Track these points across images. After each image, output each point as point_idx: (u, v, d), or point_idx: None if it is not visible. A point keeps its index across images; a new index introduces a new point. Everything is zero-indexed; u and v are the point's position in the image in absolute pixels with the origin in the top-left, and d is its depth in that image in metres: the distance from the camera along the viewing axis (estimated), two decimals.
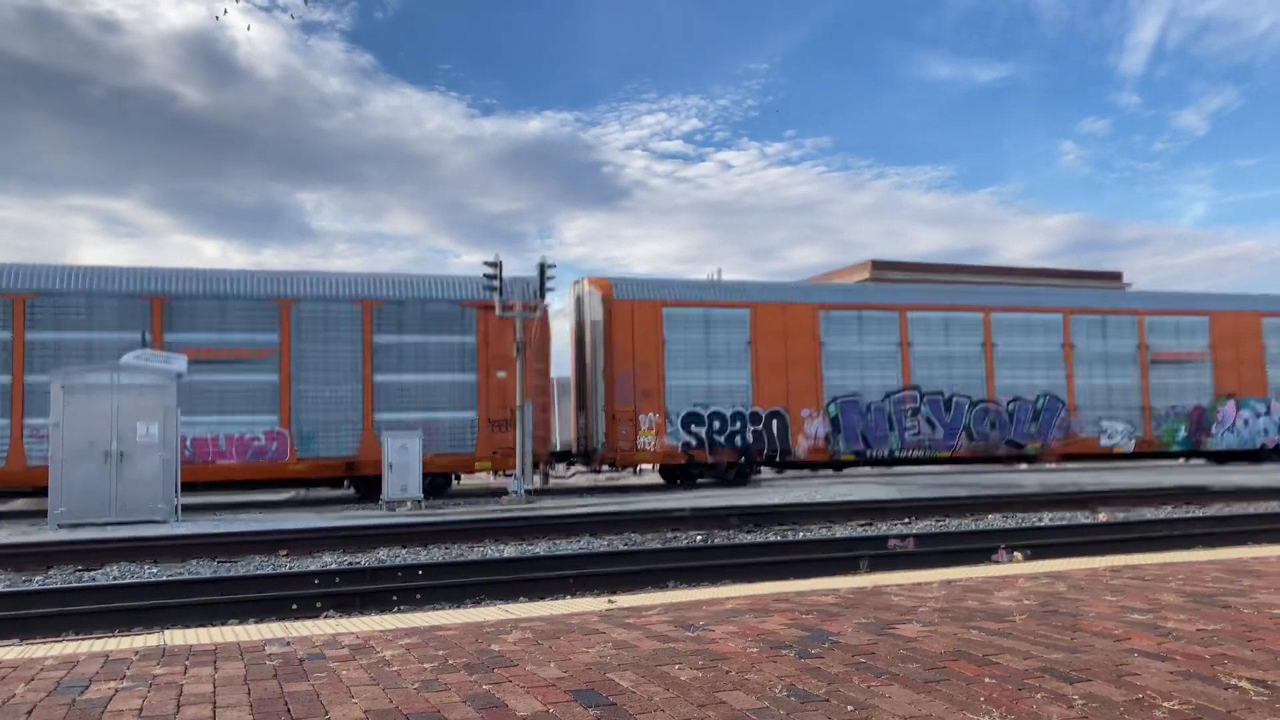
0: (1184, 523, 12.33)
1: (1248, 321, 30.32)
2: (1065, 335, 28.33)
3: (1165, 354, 29.21)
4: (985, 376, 27.40)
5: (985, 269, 56.07)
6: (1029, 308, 28.33)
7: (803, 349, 25.88)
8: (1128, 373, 28.72)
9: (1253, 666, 3.43)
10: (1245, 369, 29.95)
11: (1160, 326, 29.49)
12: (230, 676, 3.74)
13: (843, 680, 3.40)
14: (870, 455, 26.11)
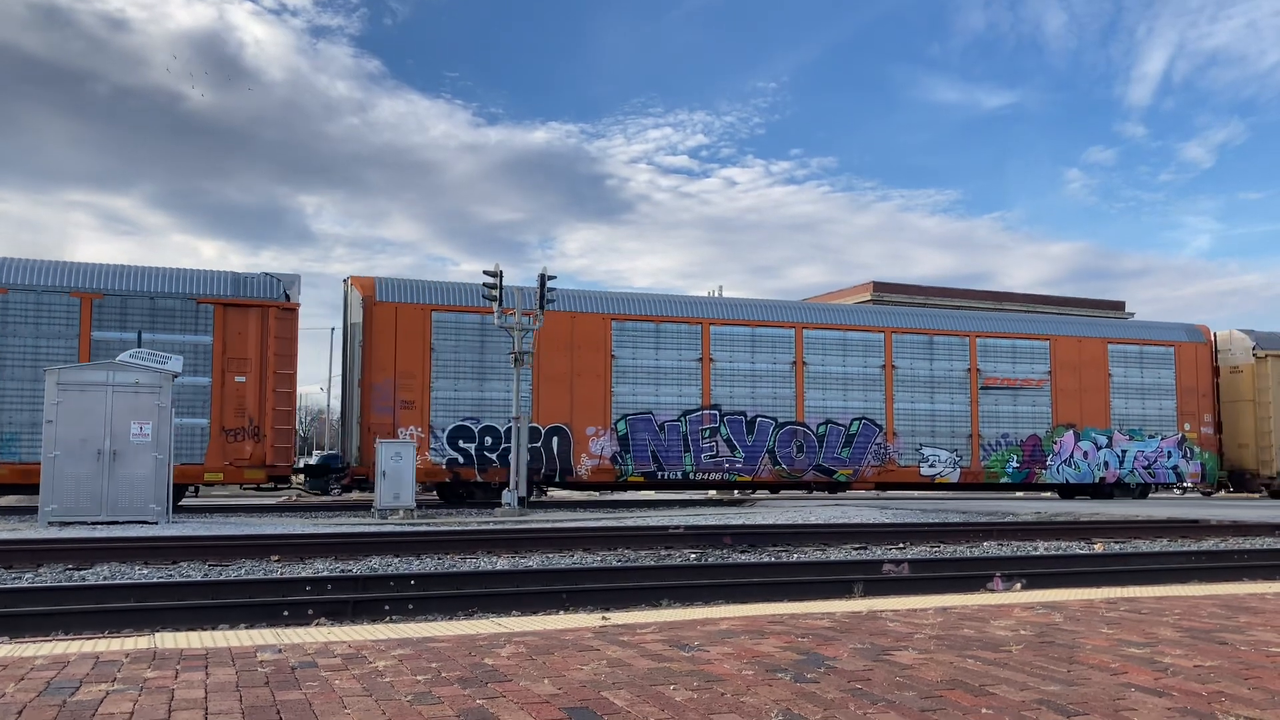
0: (1180, 556, 12.30)
1: (1092, 348, 29.00)
2: (887, 356, 26.74)
3: (998, 379, 27.85)
4: (795, 397, 25.80)
5: (986, 294, 56.22)
6: (847, 325, 26.77)
7: (591, 361, 24.20)
8: (956, 398, 27.25)
9: (1250, 705, 3.41)
10: (1088, 397, 28.65)
11: (995, 350, 27.92)
12: (222, 682, 3.71)
13: (838, 706, 3.38)
14: (662, 477, 24.53)
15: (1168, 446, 29.28)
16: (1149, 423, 29.26)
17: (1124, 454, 28.83)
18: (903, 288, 54.87)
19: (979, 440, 27.37)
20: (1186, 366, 29.79)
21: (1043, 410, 28.16)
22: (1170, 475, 29.27)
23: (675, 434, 24.63)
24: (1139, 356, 29.39)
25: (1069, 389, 28.36)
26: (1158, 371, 29.53)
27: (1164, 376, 29.54)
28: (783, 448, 25.55)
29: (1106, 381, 29.03)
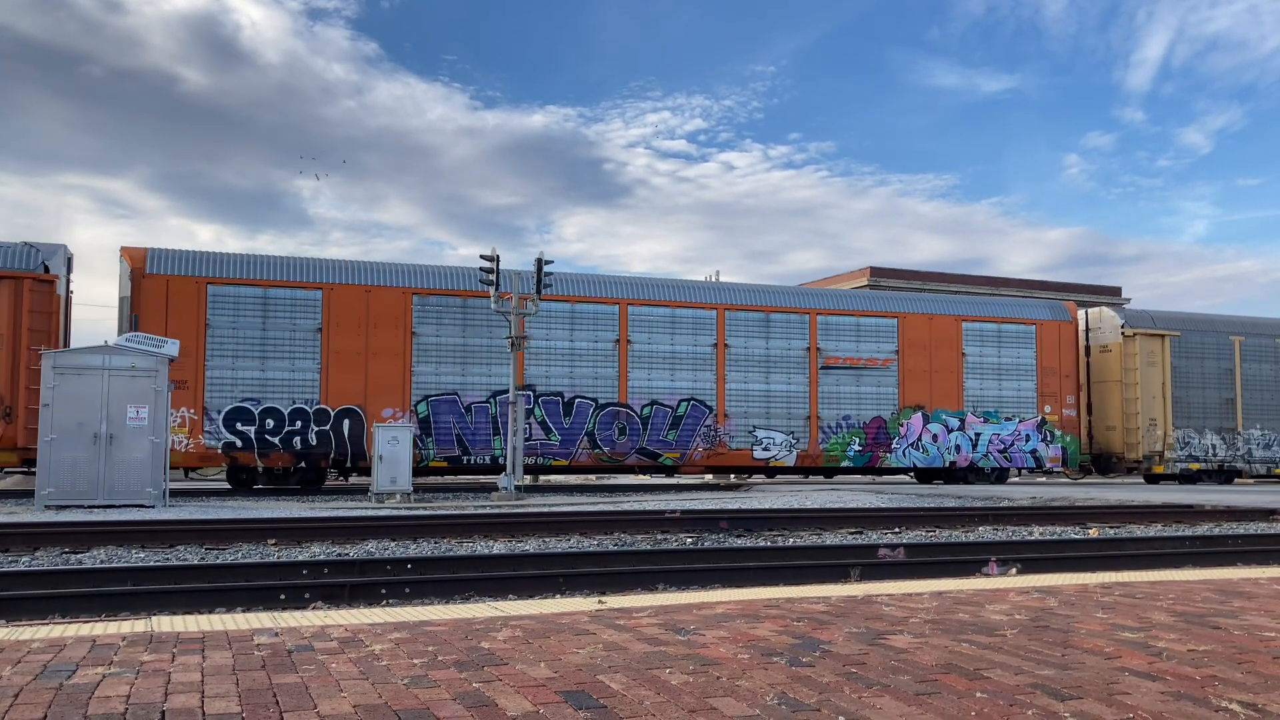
0: (1174, 541, 12.35)
1: (945, 326, 27.71)
2: (719, 334, 25.49)
3: (840, 359, 26.61)
4: (618, 377, 24.48)
5: (984, 279, 56.23)
6: (676, 302, 25.41)
7: (389, 340, 22.83)
8: (794, 378, 26.05)
9: (1244, 689, 3.43)
10: (940, 378, 27.41)
11: (837, 328, 26.59)
12: (218, 666, 3.72)
13: (834, 690, 3.39)
14: (467, 462, 23.37)
15: (1026, 429, 28.21)
16: (1006, 404, 28.13)
17: (977, 437, 27.65)
18: (900, 273, 54.88)
19: (818, 422, 26.18)
20: (1049, 346, 28.63)
21: (889, 391, 26.94)
22: (1028, 459, 28.19)
23: (484, 416, 23.50)
24: (996, 335, 28.20)
25: (918, 369, 27.12)
26: (1017, 351, 28.38)
27: (1024, 356, 28.43)
28: (603, 430, 24.38)
29: (960, 361, 27.80)
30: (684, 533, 13.41)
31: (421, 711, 3.07)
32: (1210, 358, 30.18)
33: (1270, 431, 30.70)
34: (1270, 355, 30.90)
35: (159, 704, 3.13)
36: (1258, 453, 30.42)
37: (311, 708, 3.11)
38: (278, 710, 3.07)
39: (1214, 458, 29.95)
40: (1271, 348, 30.95)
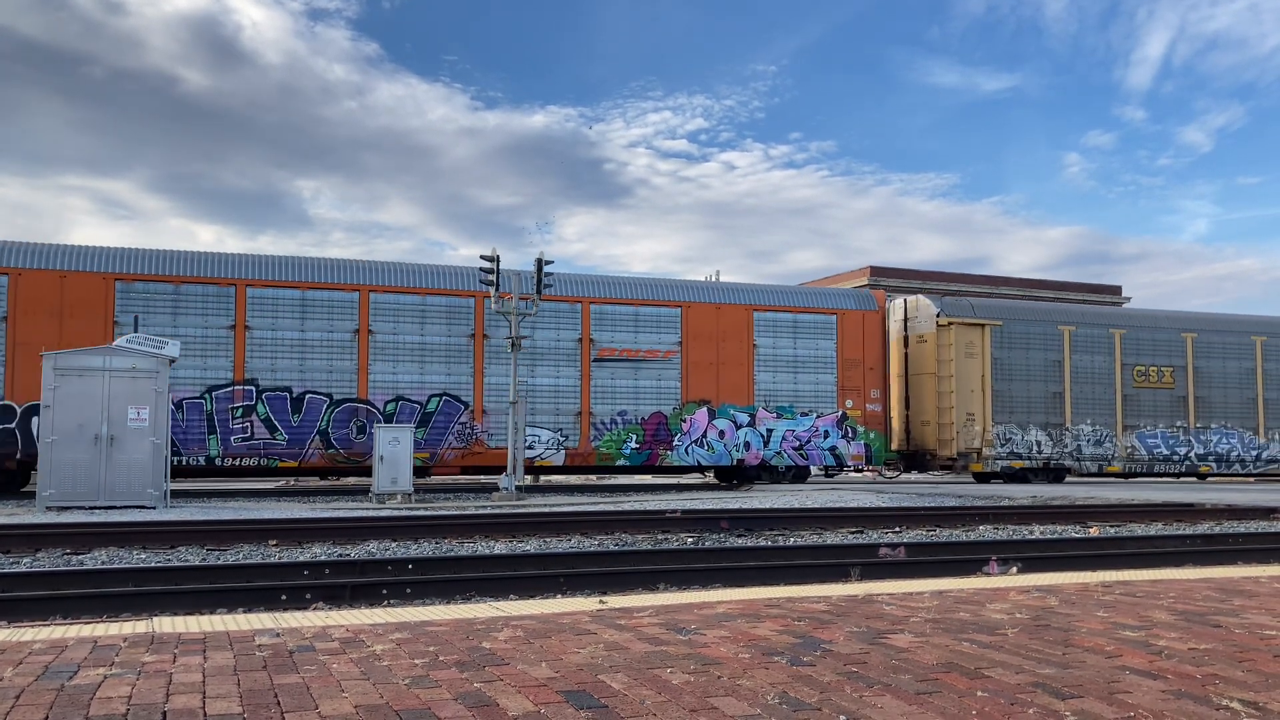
0: (1174, 540, 12.35)
1: (734, 316, 25.83)
2: (478, 324, 23.66)
3: (616, 350, 24.71)
4: (357, 370, 22.60)
5: (984, 278, 56.24)
6: (428, 289, 23.52)
7: (88, 330, 20.84)
8: (563, 371, 24.24)
9: (1244, 688, 3.43)
10: (728, 371, 25.60)
11: (613, 317, 24.71)
12: (220, 666, 3.72)
13: (835, 689, 3.39)
14: (180, 463, 21.28)
15: (825, 425, 26.33)
16: (803, 399, 26.23)
17: (769, 434, 25.82)
18: (900, 272, 54.89)
19: (590, 418, 24.38)
20: (851, 337, 26.74)
21: (671, 385, 25.06)
22: (827, 457, 26.35)
23: (197, 413, 21.61)
24: (792, 326, 26.26)
25: (704, 361, 25.25)
26: (816, 342, 26.49)
27: (823, 348, 26.54)
28: (339, 429, 22.50)
29: (751, 353, 25.94)
30: (685, 532, 13.41)
31: (423, 711, 3.08)
32: (1037, 348, 28.70)
33: (1103, 427, 29.17)
34: (1104, 346, 29.43)
35: (160, 705, 3.13)
36: (1088, 449, 28.88)
37: (313, 708, 3.11)
38: (279, 711, 3.08)
39: (1039, 455, 28.36)
40: (1105, 339, 29.46)
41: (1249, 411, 30.71)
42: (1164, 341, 30.03)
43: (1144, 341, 29.81)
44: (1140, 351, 29.75)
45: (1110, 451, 29.06)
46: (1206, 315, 32.16)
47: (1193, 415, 30.06)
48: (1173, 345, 30.09)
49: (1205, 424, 30.17)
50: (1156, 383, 29.84)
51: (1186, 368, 30.08)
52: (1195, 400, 30.10)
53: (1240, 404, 30.60)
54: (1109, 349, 29.40)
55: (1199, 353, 30.28)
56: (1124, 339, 29.57)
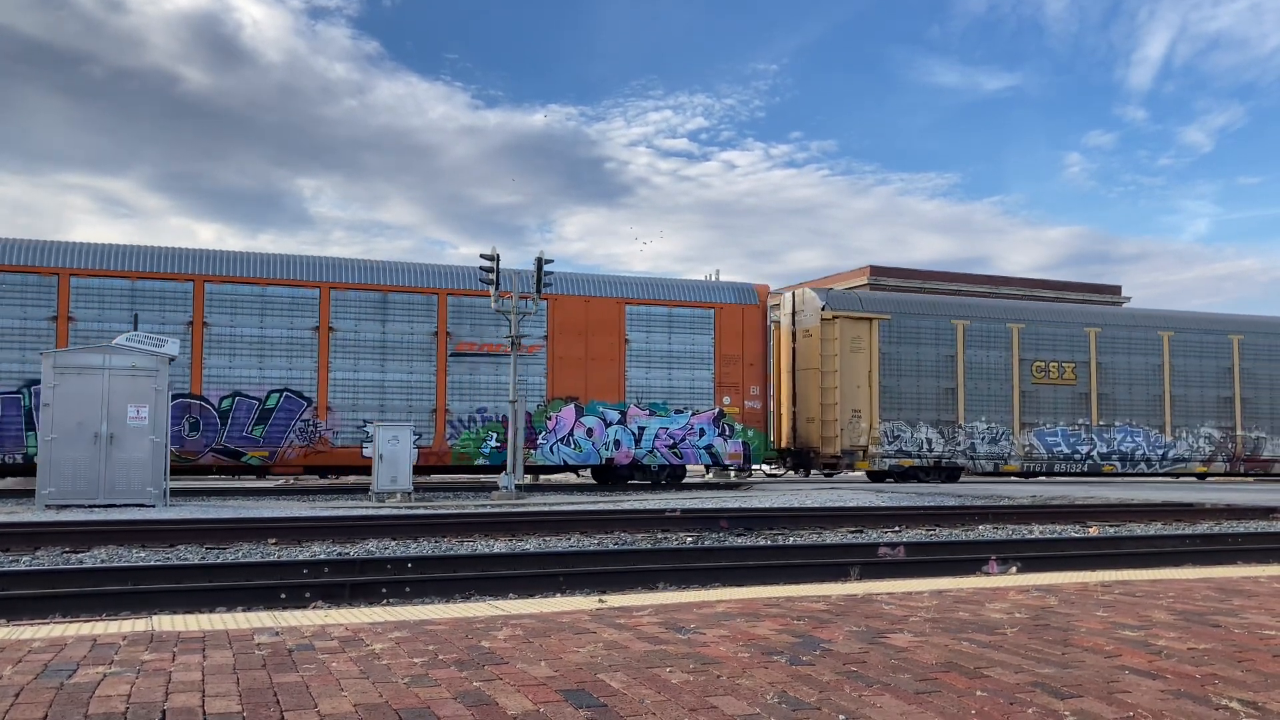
0: (1174, 539, 12.35)
1: (604, 309, 24.68)
2: (323, 315, 22.57)
3: (476, 345, 23.70)
4: (190, 365, 21.58)
5: (984, 278, 56.22)
6: (268, 279, 22.32)
7: None
8: (417, 366, 23.14)
9: (1244, 688, 3.43)
10: (597, 366, 24.48)
11: (473, 310, 23.64)
12: (219, 665, 3.72)
13: (834, 689, 3.39)
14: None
15: (701, 423, 25.24)
16: (677, 395, 25.11)
17: (641, 431, 24.75)
18: (900, 272, 54.86)
19: (446, 416, 23.35)
20: (730, 331, 25.60)
21: (535, 381, 24.07)
22: (703, 456, 25.32)
23: (14, 409, 20.57)
24: (667, 320, 25.10)
25: (572, 356, 24.18)
26: (693, 337, 25.35)
27: (700, 343, 25.40)
28: (171, 425, 20.86)
29: (622, 348, 24.81)
30: (684, 532, 13.41)
31: (422, 710, 3.07)
32: (929, 343, 27.72)
33: (999, 425, 28.14)
34: (1001, 341, 28.43)
35: (160, 703, 3.13)
36: (982, 448, 27.89)
37: (312, 707, 3.11)
38: (278, 709, 3.08)
39: (929, 453, 27.42)
40: (1002, 333, 28.47)
41: (1155, 409, 29.84)
42: (1066, 336, 29.08)
43: (1044, 336, 28.88)
44: (1040, 346, 28.84)
45: (1007, 450, 28.14)
46: (1111, 310, 31.29)
47: (1095, 413, 29.16)
48: (1075, 340, 29.13)
49: (1109, 422, 29.27)
50: (1057, 379, 28.89)
51: (1090, 363, 29.16)
52: (1098, 397, 29.21)
53: (1146, 401, 29.74)
54: (1006, 344, 28.43)
55: (1103, 348, 29.35)
56: (1023, 333, 28.64)
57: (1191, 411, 30.12)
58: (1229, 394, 30.50)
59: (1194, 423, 30.12)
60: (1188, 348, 30.23)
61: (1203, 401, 30.24)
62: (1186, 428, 30.04)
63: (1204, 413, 30.25)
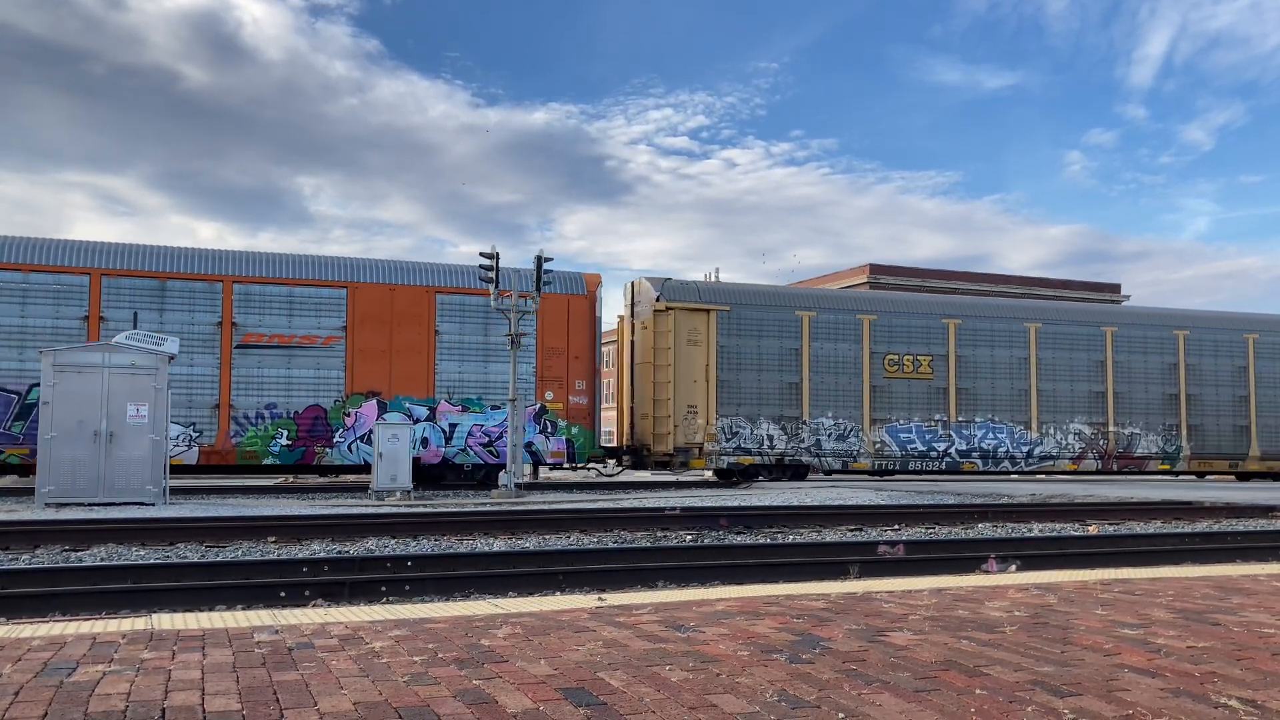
0: (1173, 538, 12.36)
1: (412, 298, 23.25)
2: (93, 306, 21.08)
3: (265, 336, 22.25)
4: None
5: (985, 276, 56.22)
6: (30, 265, 20.81)
7: None
8: (197, 359, 21.71)
9: (1243, 686, 3.43)
10: (404, 359, 23.13)
11: (262, 299, 22.31)
12: (218, 663, 3.72)
13: (833, 687, 3.39)
14: None
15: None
16: (494, 390, 23.68)
17: (453, 429, 23.55)
18: (900, 270, 54.85)
19: (230, 412, 21.86)
20: (555, 323, 24.19)
21: (333, 375, 22.60)
22: (524, 455, 23.85)
23: None
24: (484, 310, 23.48)
25: (375, 349, 22.64)
26: None
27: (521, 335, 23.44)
28: None
29: (432, 340, 23.44)
30: (684, 530, 13.41)
31: (422, 709, 3.08)
32: (771, 335, 26.33)
33: (847, 421, 26.81)
34: (850, 333, 27.11)
35: (159, 702, 3.13)
36: (829, 445, 26.48)
37: (312, 705, 3.11)
38: (278, 708, 3.08)
39: (770, 450, 26.02)
40: (852, 325, 27.18)
41: (1020, 404, 28.53)
42: (922, 328, 27.77)
43: (898, 328, 27.57)
44: (894, 339, 27.49)
45: (856, 447, 26.85)
46: (971, 301, 30.05)
47: (954, 408, 27.80)
48: (932, 332, 27.82)
49: (969, 418, 27.97)
50: (912, 373, 27.55)
51: (948, 356, 27.82)
52: (957, 392, 27.84)
53: (1011, 396, 28.42)
54: (856, 336, 27.10)
55: (963, 340, 28.03)
56: (874, 325, 27.32)
57: (1060, 407, 28.89)
58: (1101, 389, 29.30)
59: (1063, 419, 28.88)
60: (1056, 340, 29.00)
61: (1073, 396, 29.01)
62: (1055, 424, 28.81)
63: (1074, 408, 29.01)
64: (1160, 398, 29.85)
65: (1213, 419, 30.27)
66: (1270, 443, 30.68)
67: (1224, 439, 30.33)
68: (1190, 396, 30.06)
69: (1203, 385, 30.23)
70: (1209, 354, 30.39)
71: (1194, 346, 30.23)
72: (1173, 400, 29.96)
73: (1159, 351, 29.96)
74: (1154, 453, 29.68)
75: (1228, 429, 30.40)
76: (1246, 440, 30.56)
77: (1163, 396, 29.88)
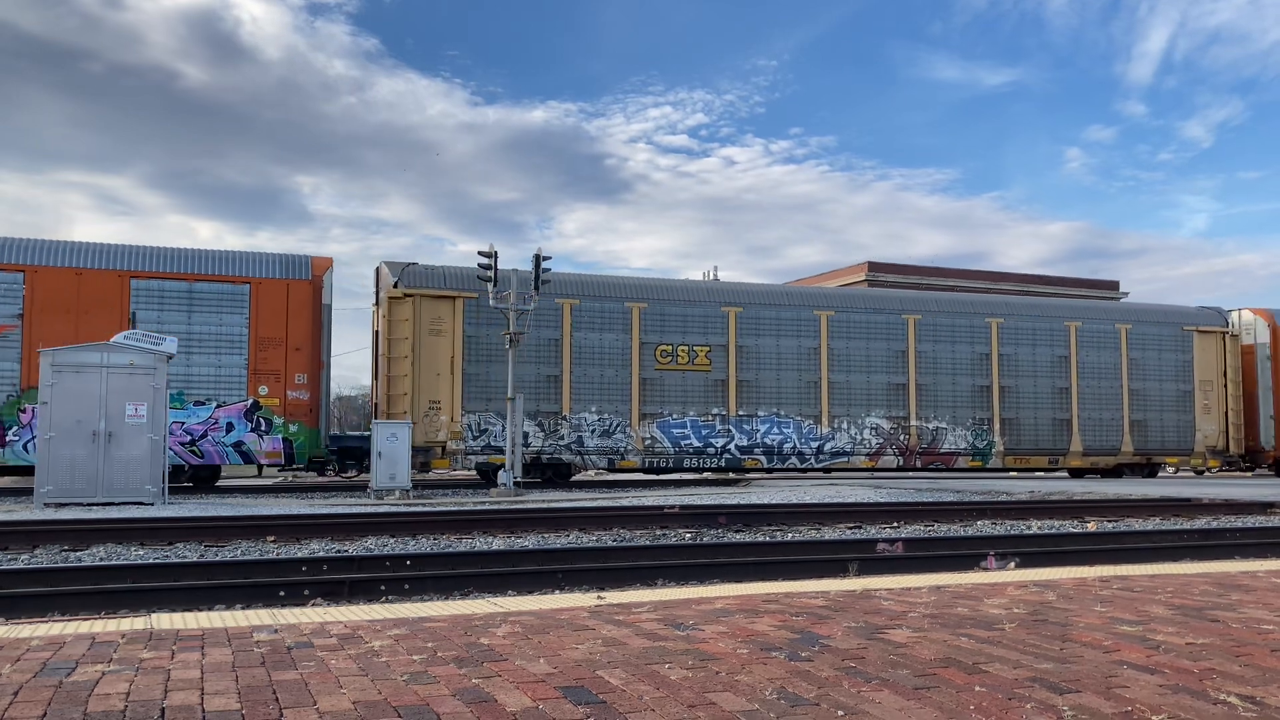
0: (1172, 534, 12.37)
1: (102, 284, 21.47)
2: None
3: None
4: None
5: (983, 274, 56.25)
6: None
7: None
8: None
9: (1242, 682, 3.43)
10: None
11: None
12: (218, 663, 3.72)
13: (832, 684, 3.39)
14: None
15: (228, 416, 22.07)
16: (199, 384, 21.90)
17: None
18: (898, 268, 54.85)
19: None
20: (271, 311, 22.38)
21: (7, 368, 20.89)
22: (231, 455, 22.19)
23: None
24: (187, 296, 21.90)
25: (58, 339, 20.42)
26: (220, 317, 22.17)
27: (231, 324, 22.16)
28: None
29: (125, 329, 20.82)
30: (683, 528, 13.42)
31: (421, 708, 3.07)
32: (529, 324, 23.90)
33: (613, 416, 25.05)
34: (618, 322, 25.31)
35: (159, 701, 3.13)
36: (593, 441, 24.72)
37: (311, 704, 3.11)
38: (278, 707, 3.08)
39: (526, 448, 24.20)
40: (619, 313, 25.49)
41: (809, 397, 26.71)
42: (700, 317, 25.97)
43: (672, 317, 25.79)
44: (667, 329, 25.71)
45: (623, 444, 25.09)
46: (754, 288, 28.13)
47: (734, 401, 26.03)
48: (711, 321, 26.01)
49: (751, 411, 26.16)
50: (687, 364, 25.75)
51: (728, 347, 26.02)
52: (739, 384, 26.09)
53: (798, 389, 26.58)
54: (625, 325, 25.17)
55: (744, 330, 26.22)
56: (645, 314, 25.46)
57: (855, 400, 27.07)
58: (902, 380, 27.51)
59: (858, 412, 27.10)
60: (851, 329, 27.21)
61: (869, 389, 27.21)
62: (849, 418, 27.01)
63: (870, 401, 27.20)
64: (970, 390, 28.09)
65: (1030, 412, 28.58)
66: (1095, 437, 29.10)
67: (1042, 433, 28.67)
68: (1005, 388, 28.36)
69: (1019, 376, 28.56)
70: (1026, 343, 28.69)
71: (1009, 335, 28.53)
72: (984, 392, 28.20)
73: (969, 341, 28.19)
74: (962, 448, 27.96)
75: (1046, 423, 28.74)
76: (1067, 435, 28.91)
77: (973, 388, 28.11)
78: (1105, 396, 29.32)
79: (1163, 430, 29.85)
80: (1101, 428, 29.26)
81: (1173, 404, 29.98)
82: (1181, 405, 30.05)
